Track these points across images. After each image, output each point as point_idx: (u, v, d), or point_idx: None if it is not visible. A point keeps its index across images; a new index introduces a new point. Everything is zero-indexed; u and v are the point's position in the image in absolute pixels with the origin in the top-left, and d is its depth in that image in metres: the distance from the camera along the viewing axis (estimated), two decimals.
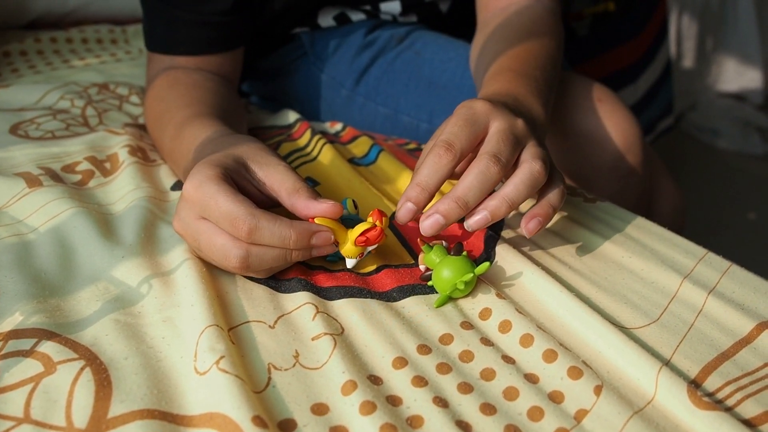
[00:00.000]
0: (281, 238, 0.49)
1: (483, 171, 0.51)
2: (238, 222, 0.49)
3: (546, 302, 0.53)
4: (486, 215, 0.52)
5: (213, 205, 0.49)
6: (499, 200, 0.52)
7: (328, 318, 0.50)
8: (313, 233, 0.51)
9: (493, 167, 0.51)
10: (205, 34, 0.77)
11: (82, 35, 1.12)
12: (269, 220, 0.49)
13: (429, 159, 0.52)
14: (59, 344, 0.46)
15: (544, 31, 0.75)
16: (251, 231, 0.49)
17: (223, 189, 0.50)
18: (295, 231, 0.50)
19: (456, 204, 0.51)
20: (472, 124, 0.53)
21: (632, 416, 0.43)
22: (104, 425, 0.41)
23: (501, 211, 0.52)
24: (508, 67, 0.67)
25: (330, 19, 0.93)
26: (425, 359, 0.47)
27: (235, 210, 0.49)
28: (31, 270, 0.53)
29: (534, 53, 0.70)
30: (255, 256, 0.50)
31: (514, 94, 0.62)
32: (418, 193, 0.52)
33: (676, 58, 2.26)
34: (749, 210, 1.89)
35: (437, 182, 0.52)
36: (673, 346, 0.50)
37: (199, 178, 0.50)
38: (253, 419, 0.40)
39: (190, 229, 0.51)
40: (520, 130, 0.54)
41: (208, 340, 0.46)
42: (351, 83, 0.93)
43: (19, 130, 0.76)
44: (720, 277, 0.56)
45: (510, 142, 0.53)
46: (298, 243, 0.50)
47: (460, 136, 0.52)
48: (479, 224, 0.52)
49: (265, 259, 0.51)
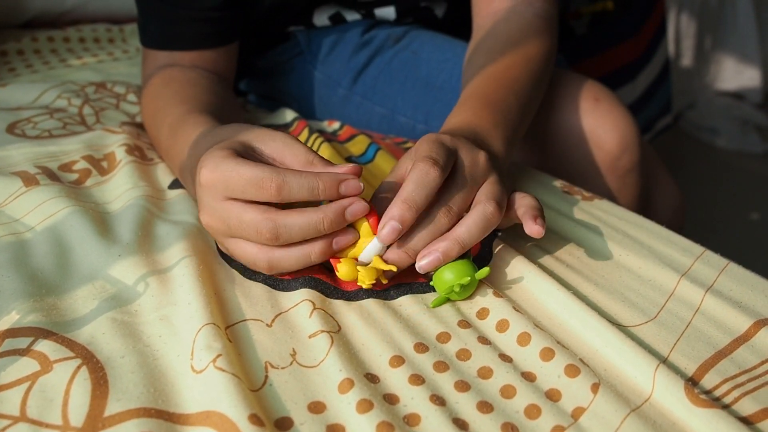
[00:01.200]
0: (310, 188, 0.48)
1: (435, 222, 0.51)
2: (264, 182, 0.48)
3: (543, 300, 0.53)
4: (438, 256, 0.51)
5: (236, 177, 0.49)
6: (451, 242, 0.51)
7: (326, 315, 0.50)
8: (341, 181, 0.49)
9: (443, 218, 0.51)
10: (199, 30, 0.77)
11: (79, 34, 1.12)
12: (295, 174, 0.49)
13: (414, 174, 0.50)
14: (56, 343, 0.46)
15: (531, 41, 0.74)
16: (280, 187, 0.48)
17: (241, 160, 0.49)
18: (323, 180, 0.49)
19: (406, 254, 0.51)
20: (446, 148, 0.53)
21: (629, 414, 0.43)
22: (101, 424, 0.40)
23: (453, 253, 0.51)
24: (478, 93, 0.66)
25: (325, 18, 0.93)
26: (422, 357, 0.47)
27: (259, 172, 0.48)
28: (27, 269, 0.53)
29: (512, 73, 0.69)
30: (284, 226, 0.49)
31: (474, 129, 0.61)
32: (405, 210, 0.49)
33: (675, 57, 2.26)
34: (747, 208, 1.90)
35: (425, 199, 0.50)
36: (670, 344, 0.50)
37: (213, 160, 0.50)
38: (250, 417, 0.40)
39: (217, 213, 0.51)
40: (481, 167, 0.54)
41: (204, 338, 0.46)
42: (348, 82, 0.93)
43: (16, 129, 0.76)
44: (717, 275, 0.56)
45: (467, 184, 0.53)
46: (328, 191, 0.49)
47: (441, 153, 0.52)
48: (431, 265, 0.51)
49: (293, 229, 0.49)
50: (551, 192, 0.69)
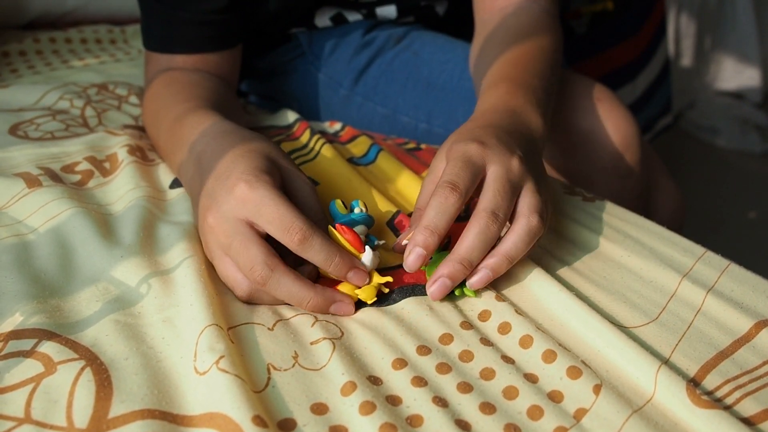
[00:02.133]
0: (325, 260, 0.50)
1: (483, 230, 0.51)
2: (293, 229, 0.49)
3: (545, 301, 0.53)
4: (488, 273, 0.52)
5: (271, 209, 0.50)
6: (499, 258, 0.52)
7: (327, 324, 0.51)
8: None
9: (492, 226, 0.51)
10: (202, 33, 0.77)
11: (80, 35, 1.12)
12: (323, 240, 0.50)
13: (435, 200, 0.51)
14: (59, 344, 0.46)
15: (543, 34, 0.74)
16: (302, 242, 0.49)
17: (282, 196, 0.50)
18: (339, 263, 0.51)
19: (461, 266, 0.51)
20: (471, 166, 0.53)
21: (631, 415, 0.43)
22: (105, 425, 0.41)
23: (502, 269, 0.52)
24: (506, 76, 0.66)
25: (327, 19, 0.93)
26: (425, 360, 0.47)
27: (293, 218, 0.49)
28: (31, 270, 0.53)
29: (532, 59, 0.69)
30: (275, 280, 0.50)
31: (513, 107, 0.61)
32: (428, 236, 0.51)
33: (675, 57, 2.26)
34: (748, 208, 1.90)
35: (446, 224, 0.51)
36: (672, 344, 0.50)
37: (256, 180, 0.51)
38: (253, 419, 0.40)
39: (228, 227, 0.51)
40: (516, 174, 0.54)
41: (207, 339, 0.46)
42: (349, 83, 0.93)
43: (19, 130, 0.76)
44: (719, 275, 0.56)
45: (507, 193, 0.53)
46: (337, 273, 0.51)
47: (462, 176, 0.52)
48: (482, 283, 0.52)
49: (282, 290, 0.50)
50: (552, 193, 0.69)
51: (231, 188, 0.51)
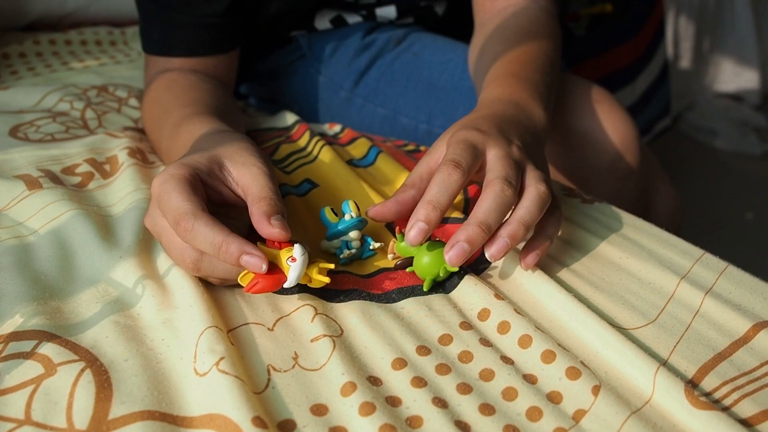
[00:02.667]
0: (212, 245, 0.48)
1: (499, 194, 0.51)
2: (179, 219, 0.48)
3: (544, 303, 0.53)
4: (506, 241, 0.51)
5: (166, 202, 0.49)
6: (515, 224, 0.51)
7: (327, 320, 0.51)
8: (244, 253, 0.48)
9: (508, 190, 0.51)
10: (201, 36, 0.77)
11: (80, 37, 1.12)
12: (206, 224, 0.48)
13: (438, 176, 0.52)
14: (60, 346, 0.46)
15: (542, 33, 0.75)
16: (186, 230, 0.48)
17: (180, 187, 0.49)
18: (227, 243, 0.48)
19: (480, 229, 0.50)
20: (472, 148, 0.53)
21: (630, 416, 0.43)
22: (105, 426, 0.41)
23: (519, 235, 0.51)
24: (508, 71, 0.67)
25: (327, 22, 0.93)
26: (424, 360, 0.48)
27: (180, 207, 0.49)
28: (31, 272, 0.53)
29: (533, 56, 0.70)
30: (207, 261, 0.50)
31: (516, 100, 0.62)
32: (430, 210, 0.51)
33: (674, 59, 2.27)
34: (747, 210, 1.90)
35: (448, 199, 0.51)
36: (670, 346, 0.50)
37: (165, 176, 0.51)
38: (253, 420, 0.40)
39: (156, 227, 0.52)
40: (517, 156, 0.55)
41: (207, 341, 0.46)
42: (350, 85, 0.93)
43: (19, 132, 0.76)
44: (717, 277, 0.56)
45: (513, 166, 0.53)
46: (226, 256, 0.48)
47: (464, 156, 0.53)
48: (501, 252, 0.51)
49: (217, 268, 0.50)
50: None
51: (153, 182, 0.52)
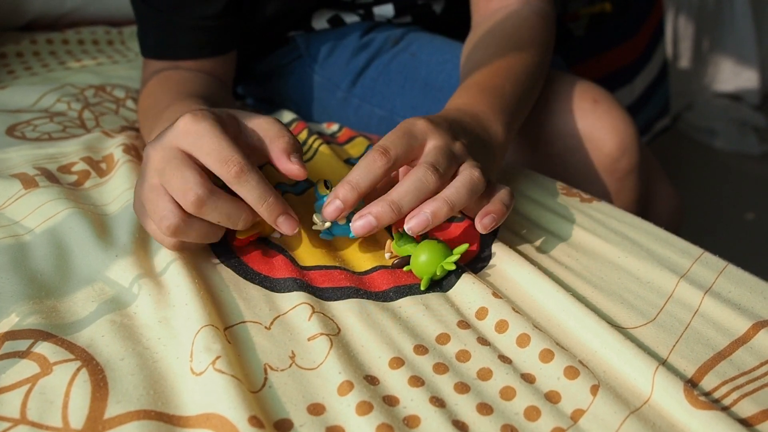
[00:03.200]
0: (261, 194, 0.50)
1: (420, 178, 0.51)
2: (230, 161, 0.49)
3: (542, 302, 0.53)
4: (427, 216, 0.51)
5: (210, 139, 0.49)
6: (440, 202, 0.51)
7: (325, 318, 0.50)
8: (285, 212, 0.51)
9: (431, 176, 0.51)
10: (197, 38, 0.77)
11: (78, 37, 1.12)
12: (258, 178, 0.50)
13: (363, 161, 0.52)
14: (55, 345, 0.46)
15: (527, 40, 0.75)
16: (239, 174, 0.49)
17: (224, 132, 0.50)
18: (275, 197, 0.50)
19: (389, 208, 0.51)
20: (409, 137, 0.53)
21: (629, 416, 0.43)
22: (101, 426, 0.41)
23: (442, 212, 0.51)
24: (476, 82, 0.67)
25: (324, 21, 0.93)
26: (422, 359, 0.47)
27: (231, 151, 0.49)
28: (27, 271, 0.53)
29: (509, 66, 0.70)
30: (213, 205, 0.49)
31: (476, 112, 0.62)
32: (347, 191, 0.51)
33: (673, 59, 2.27)
34: (746, 210, 1.90)
35: (368, 184, 0.52)
36: (669, 345, 0.50)
37: (202, 115, 0.50)
38: (250, 419, 0.40)
39: (166, 153, 0.50)
40: (457, 149, 0.54)
41: (203, 340, 0.46)
42: (347, 85, 0.93)
43: (16, 131, 0.76)
44: (716, 276, 0.56)
45: (447, 156, 0.53)
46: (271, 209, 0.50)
47: (396, 144, 0.53)
48: (420, 226, 0.51)
49: (216, 213, 0.50)
50: (550, 194, 0.69)
51: (176, 123, 0.51)
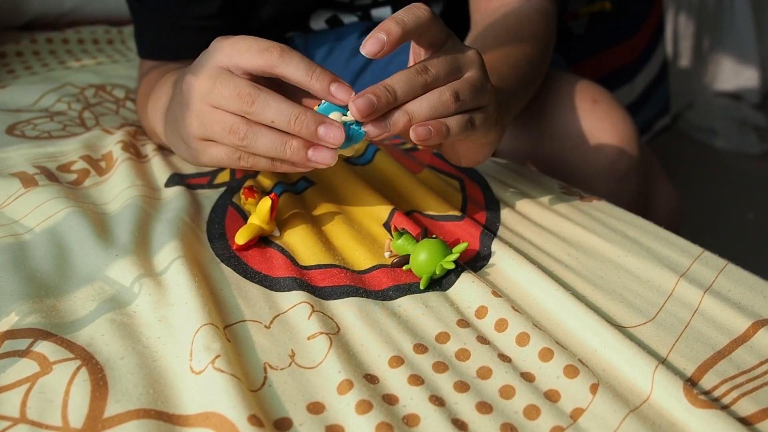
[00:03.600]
0: (306, 72, 0.49)
1: (438, 98, 0.50)
2: (272, 48, 0.49)
3: (542, 301, 0.53)
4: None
5: (243, 42, 0.50)
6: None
7: (324, 317, 0.50)
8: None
9: (450, 104, 0.50)
10: (194, 39, 0.77)
11: (78, 36, 1.12)
12: (300, 57, 0.49)
13: (402, 72, 0.50)
14: (55, 344, 0.46)
15: (528, 33, 0.75)
16: (282, 53, 0.49)
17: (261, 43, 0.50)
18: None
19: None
20: (454, 61, 0.52)
21: (628, 414, 0.43)
22: (100, 425, 0.41)
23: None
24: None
25: (322, 22, 0.93)
26: (421, 358, 0.47)
27: (270, 42, 0.49)
28: (26, 270, 0.53)
29: (509, 52, 0.70)
30: (265, 98, 0.49)
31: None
32: (383, 91, 0.49)
33: (673, 58, 2.26)
34: (746, 209, 1.90)
35: (404, 94, 0.50)
36: (669, 344, 0.50)
37: (235, 37, 0.51)
38: (249, 418, 0.40)
39: (209, 72, 0.50)
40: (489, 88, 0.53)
41: (203, 339, 0.46)
42: None
43: (16, 130, 0.76)
44: (716, 275, 0.56)
45: (476, 92, 0.52)
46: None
47: (439, 66, 0.51)
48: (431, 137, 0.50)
49: (273, 105, 0.49)
50: (550, 193, 0.69)
51: (207, 50, 0.52)
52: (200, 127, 0.51)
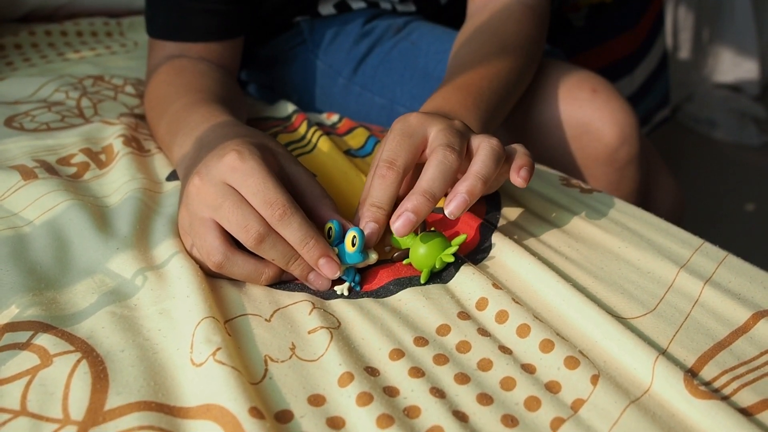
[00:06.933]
0: (304, 236, 0.50)
1: (441, 160, 0.52)
2: (276, 204, 0.49)
3: (542, 292, 0.53)
4: (464, 197, 0.51)
5: (253, 184, 0.50)
6: (473, 179, 0.51)
7: (325, 313, 0.50)
8: (326, 255, 0.51)
9: (450, 155, 0.52)
10: (207, 22, 0.78)
11: (76, 28, 1.12)
12: (303, 218, 0.50)
13: (375, 181, 0.53)
14: (55, 337, 0.46)
15: (512, 35, 0.75)
16: (284, 216, 0.49)
17: (273, 175, 0.51)
18: (316, 240, 0.51)
19: (424, 198, 0.51)
20: (409, 137, 0.54)
21: (629, 405, 0.43)
22: (101, 417, 0.41)
23: (477, 189, 0.51)
24: (450, 81, 0.68)
25: (331, 7, 0.94)
26: (422, 351, 0.47)
27: (277, 193, 0.50)
28: (26, 263, 0.53)
29: (485, 60, 0.70)
30: (270, 242, 0.50)
31: (446, 110, 0.62)
32: (375, 211, 0.53)
33: (673, 50, 2.26)
34: (746, 201, 1.90)
35: (389, 200, 0.53)
36: (669, 335, 0.50)
37: (246, 154, 0.51)
38: (250, 410, 0.40)
39: (217, 188, 0.51)
40: (460, 127, 0.55)
41: (204, 331, 0.46)
42: (348, 72, 0.93)
43: (14, 122, 0.75)
44: (716, 266, 0.56)
45: (455, 134, 0.54)
46: (312, 251, 0.51)
47: (399, 152, 0.53)
48: (460, 208, 0.51)
49: (278, 249, 0.51)
50: (550, 184, 0.69)
51: (222, 156, 0.52)
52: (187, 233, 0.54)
